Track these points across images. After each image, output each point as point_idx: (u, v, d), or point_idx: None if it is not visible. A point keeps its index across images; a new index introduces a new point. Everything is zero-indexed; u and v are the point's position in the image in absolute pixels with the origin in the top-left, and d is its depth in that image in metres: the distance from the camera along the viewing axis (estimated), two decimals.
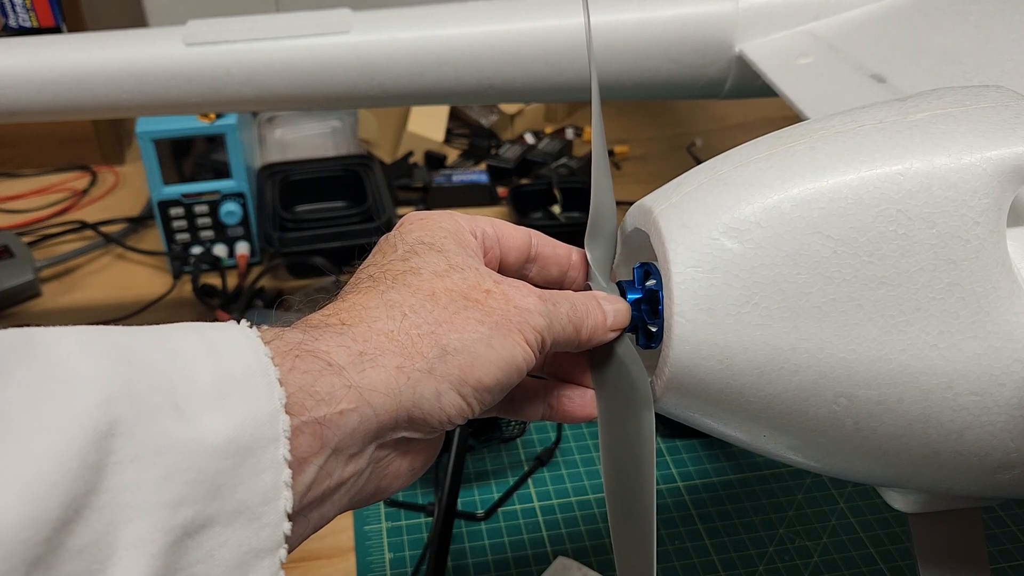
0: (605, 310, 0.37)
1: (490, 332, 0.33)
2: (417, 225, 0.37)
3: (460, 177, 1.05)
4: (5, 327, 0.26)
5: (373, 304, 0.33)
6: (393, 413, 0.31)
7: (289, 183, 0.98)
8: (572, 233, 0.43)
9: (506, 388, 0.34)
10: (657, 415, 0.36)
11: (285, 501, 0.27)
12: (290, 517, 0.28)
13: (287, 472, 0.27)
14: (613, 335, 0.37)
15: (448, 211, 0.38)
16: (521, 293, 0.35)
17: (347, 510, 0.33)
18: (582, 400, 0.39)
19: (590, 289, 0.38)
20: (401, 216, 0.39)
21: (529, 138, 1.14)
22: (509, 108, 1.16)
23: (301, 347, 0.30)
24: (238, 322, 0.31)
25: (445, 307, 0.33)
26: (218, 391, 0.27)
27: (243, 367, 0.28)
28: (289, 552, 0.29)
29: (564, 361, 0.40)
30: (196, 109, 0.69)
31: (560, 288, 0.38)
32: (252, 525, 0.27)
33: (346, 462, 0.31)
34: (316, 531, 0.32)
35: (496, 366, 0.33)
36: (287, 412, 0.28)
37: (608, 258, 0.40)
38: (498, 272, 0.36)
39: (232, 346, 0.29)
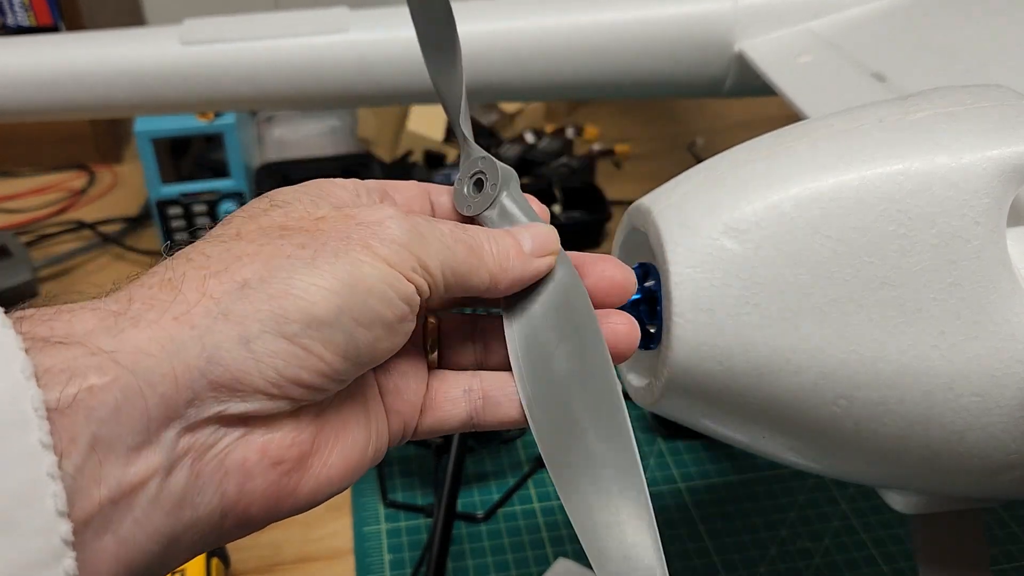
0: (517, 236, 0.30)
1: (314, 253, 0.25)
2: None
3: None
4: None
5: (156, 269, 0.26)
6: (178, 379, 0.23)
7: (288, 182, 0.97)
8: (574, 233, 0.42)
9: (368, 323, 0.25)
10: (657, 416, 0.36)
11: (54, 498, 0.20)
12: (69, 517, 0.21)
13: (50, 460, 0.20)
14: (541, 264, 0.30)
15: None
16: (373, 209, 0.27)
17: (183, 537, 0.24)
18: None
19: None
20: None
21: (529, 137, 1.14)
22: (509, 107, 1.15)
23: (23, 321, 0.22)
24: None
25: (251, 241, 0.26)
26: None
27: None
28: None
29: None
30: (193, 108, 0.69)
31: None
32: (7, 535, 0.20)
33: (126, 459, 0.22)
34: (135, 567, 0.23)
35: (330, 290, 0.24)
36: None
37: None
38: None
39: None
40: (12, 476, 0.20)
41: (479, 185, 0.34)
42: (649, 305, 0.36)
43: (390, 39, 0.65)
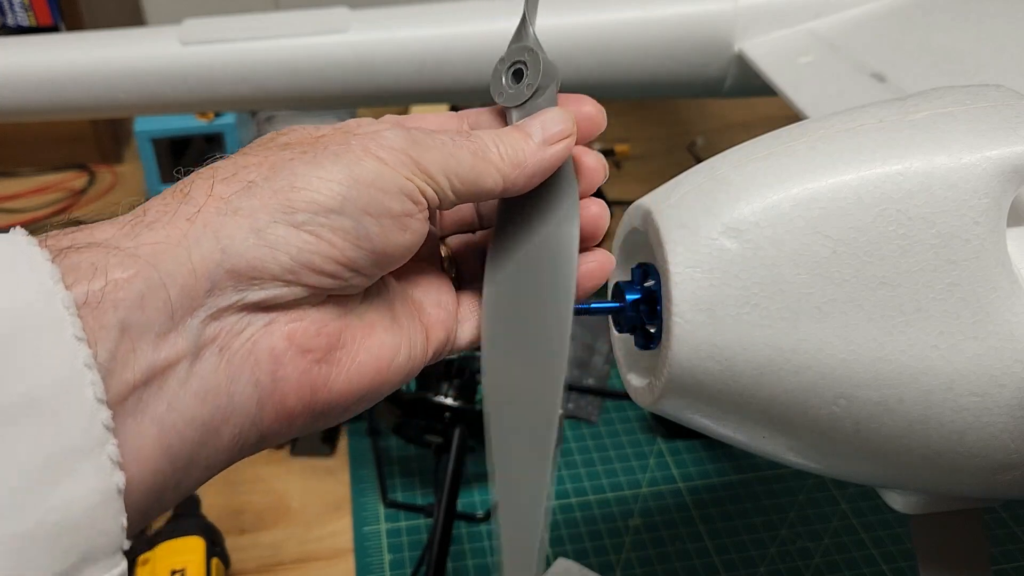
0: (526, 129, 0.30)
1: (315, 155, 0.27)
2: None
3: None
4: None
5: (168, 188, 0.27)
6: (196, 270, 0.25)
7: None
8: None
9: (376, 212, 0.26)
10: (657, 416, 0.36)
11: (93, 386, 0.22)
12: (110, 406, 0.23)
13: (86, 352, 0.22)
14: (557, 150, 0.31)
15: None
16: (372, 122, 0.29)
17: (222, 428, 0.26)
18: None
19: None
20: None
21: None
22: None
23: (50, 236, 0.25)
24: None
25: (257, 153, 0.28)
26: None
27: None
28: (137, 505, 0.23)
29: None
30: (193, 108, 0.69)
31: None
32: (51, 421, 0.22)
33: (155, 344, 0.24)
34: (177, 454, 0.24)
35: (333, 180, 0.26)
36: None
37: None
38: None
39: None
40: (50, 369, 0.22)
41: (518, 76, 0.33)
42: (649, 305, 0.36)
43: (390, 39, 0.65)
